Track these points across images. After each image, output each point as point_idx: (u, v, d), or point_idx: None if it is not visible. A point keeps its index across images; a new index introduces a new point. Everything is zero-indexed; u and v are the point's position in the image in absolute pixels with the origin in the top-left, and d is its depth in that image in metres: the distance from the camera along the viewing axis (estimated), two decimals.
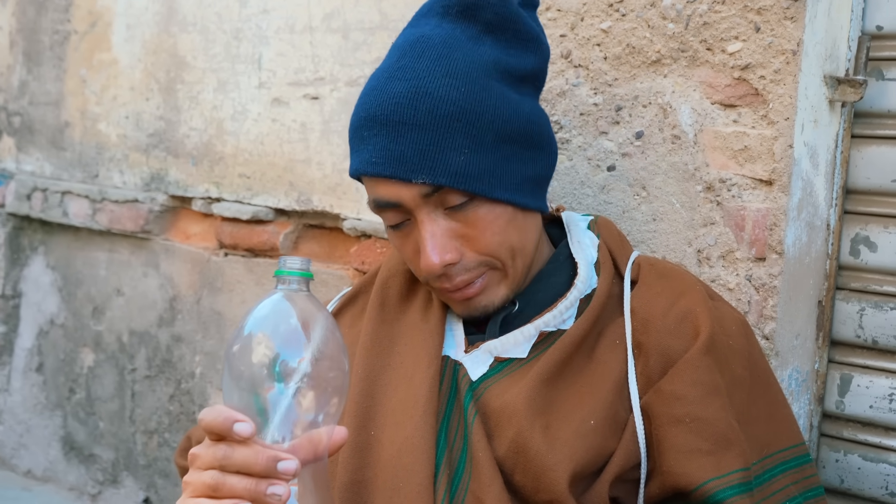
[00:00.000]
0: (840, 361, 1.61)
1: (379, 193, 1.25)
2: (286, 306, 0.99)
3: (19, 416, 2.97)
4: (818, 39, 1.48)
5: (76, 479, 2.80)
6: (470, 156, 1.23)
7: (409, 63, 1.25)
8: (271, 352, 0.96)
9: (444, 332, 1.31)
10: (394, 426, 1.23)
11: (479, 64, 1.26)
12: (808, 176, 1.51)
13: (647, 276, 1.33)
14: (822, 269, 1.58)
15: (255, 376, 0.95)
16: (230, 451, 0.94)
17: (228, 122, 2.34)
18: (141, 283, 2.62)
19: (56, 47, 2.83)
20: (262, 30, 2.26)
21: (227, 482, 0.94)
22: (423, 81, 1.23)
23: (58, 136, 2.83)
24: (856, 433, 1.59)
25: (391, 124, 1.22)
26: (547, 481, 1.14)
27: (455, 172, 1.22)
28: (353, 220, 2.07)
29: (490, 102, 1.25)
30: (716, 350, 1.24)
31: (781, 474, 1.23)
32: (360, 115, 1.27)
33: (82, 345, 2.78)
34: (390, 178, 1.23)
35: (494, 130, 1.25)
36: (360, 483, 1.21)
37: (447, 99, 1.22)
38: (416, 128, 1.22)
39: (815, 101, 1.50)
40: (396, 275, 1.41)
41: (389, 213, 1.27)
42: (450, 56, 1.25)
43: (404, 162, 1.22)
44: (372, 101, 1.25)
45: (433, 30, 1.29)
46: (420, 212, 1.24)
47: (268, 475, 0.93)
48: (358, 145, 1.28)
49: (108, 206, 2.64)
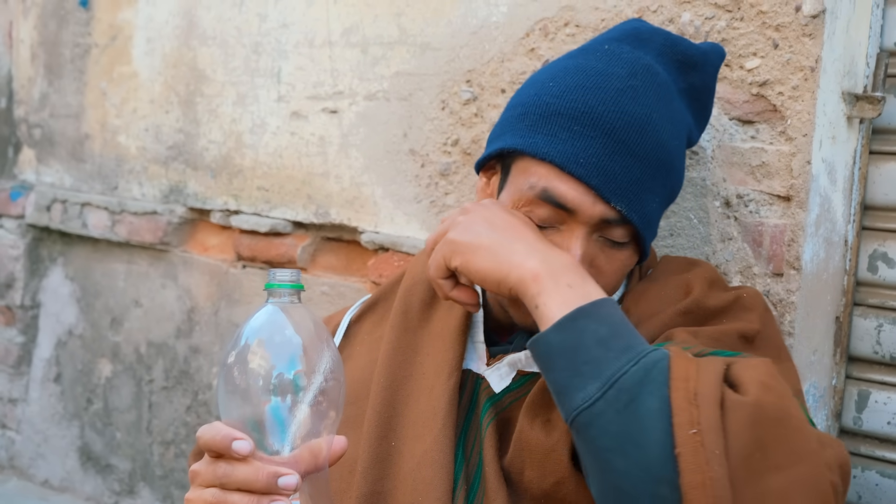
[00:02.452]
0: (858, 377, 1.61)
1: (559, 190, 1.19)
2: (280, 318, 0.99)
3: (37, 426, 2.99)
4: (836, 56, 1.48)
5: (93, 489, 2.81)
6: (658, 207, 1.25)
7: (639, 87, 1.23)
8: (268, 365, 0.96)
9: (465, 344, 1.31)
10: (414, 438, 1.23)
11: (683, 123, 1.30)
12: (825, 192, 1.51)
13: (655, 269, 1.35)
14: (840, 285, 1.59)
15: (252, 390, 0.95)
16: (230, 469, 0.94)
17: (247, 136, 2.36)
18: (159, 294, 2.63)
19: (77, 60, 2.86)
20: (281, 44, 2.28)
21: (228, 500, 0.94)
22: (653, 116, 1.22)
23: (78, 148, 2.85)
24: (873, 449, 1.59)
25: (614, 138, 1.19)
26: (551, 463, 1.14)
27: (645, 216, 1.22)
28: (370, 234, 2.08)
29: (678, 165, 1.28)
30: (699, 312, 1.23)
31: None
32: (575, 105, 1.21)
33: (100, 355, 2.79)
34: (586, 185, 1.18)
35: (670, 192, 1.28)
36: (380, 494, 1.21)
37: (667, 145, 1.23)
38: (636, 157, 1.20)
39: (833, 118, 1.50)
40: (420, 283, 1.40)
41: (550, 209, 1.21)
42: (670, 104, 1.26)
43: (612, 181, 1.18)
44: (595, 101, 1.21)
45: (655, 66, 1.27)
46: (583, 229, 1.21)
47: (269, 492, 0.93)
48: (556, 130, 1.21)
49: (127, 217, 2.66)
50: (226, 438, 0.94)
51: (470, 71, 1.90)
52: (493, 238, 1.15)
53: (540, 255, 1.12)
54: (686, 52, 1.34)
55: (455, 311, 1.34)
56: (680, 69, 1.33)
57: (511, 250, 1.13)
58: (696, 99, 1.36)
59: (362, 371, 1.34)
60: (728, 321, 1.24)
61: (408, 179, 2.01)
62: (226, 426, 0.95)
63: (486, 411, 1.24)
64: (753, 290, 1.32)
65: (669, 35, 1.35)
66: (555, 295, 1.07)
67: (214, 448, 0.95)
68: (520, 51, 1.81)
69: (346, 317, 1.47)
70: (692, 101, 1.35)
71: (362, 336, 1.43)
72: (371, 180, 2.09)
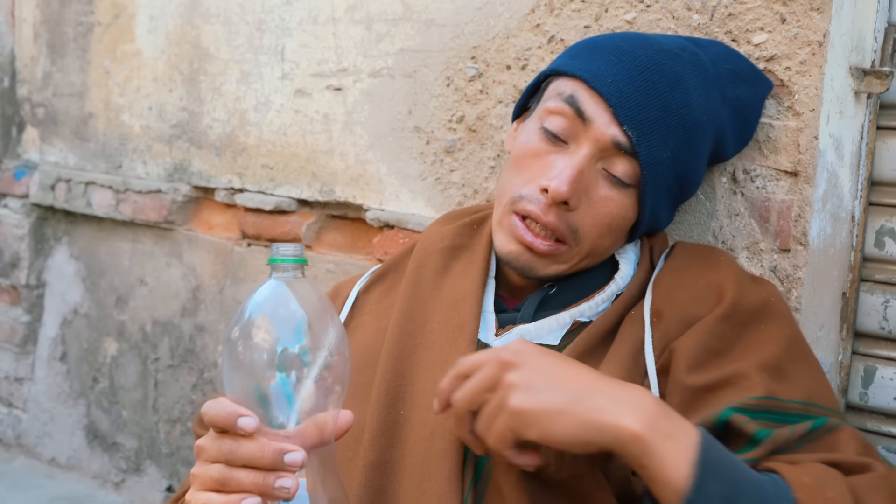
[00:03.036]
0: (864, 353, 1.60)
1: (582, 101, 1.27)
2: (284, 292, 0.98)
3: (43, 404, 3.00)
4: (844, 30, 1.48)
5: (100, 467, 2.83)
6: (666, 161, 1.29)
7: (684, 58, 1.33)
8: (272, 339, 0.95)
9: (479, 316, 1.31)
10: (424, 408, 1.23)
11: (718, 116, 1.37)
12: (833, 167, 1.50)
13: (676, 258, 1.35)
14: (847, 261, 1.58)
15: (257, 365, 0.94)
16: (236, 446, 0.94)
17: (251, 113, 2.35)
18: (164, 273, 2.63)
19: (80, 39, 2.85)
20: (284, 21, 2.27)
21: (234, 476, 0.94)
22: (688, 83, 1.30)
23: (81, 127, 2.85)
24: (879, 425, 1.59)
25: (645, 76, 1.27)
26: (568, 456, 1.14)
27: (653, 156, 1.27)
28: (375, 211, 2.07)
29: (702, 144, 1.35)
30: (737, 316, 1.23)
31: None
32: (619, 45, 1.31)
33: (106, 334, 2.80)
34: (606, 103, 1.26)
35: (686, 166, 1.33)
36: (387, 463, 1.21)
37: (693, 112, 1.30)
38: (660, 100, 1.27)
39: (841, 93, 1.50)
40: (433, 253, 1.40)
41: (564, 120, 1.28)
42: (709, 92, 1.34)
43: (631, 108, 1.25)
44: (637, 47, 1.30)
45: (706, 61, 1.37)
46: (590, 148, 1.27)
47: (275, 468, 0.93)
48: (593, 58, 1.30)
49: (131, 196, 2.65)
50: (231, 415, 0.94)
51: (475, 47, 1.89)
52: (565, 396, 1.03)
53: (627, 407, 1.02)
54: (740, 65, 1.43)
55: (468, 279, 1.35)
56: (731, 78, 1.41)
57: (593, 407, 1.02)
58: (741, 113, 1.43)
59: (370, 339, 1.34)
60: (765, 325, 1.24)
61: (413, 157, 2.01)
62: (231, 402, 0.95)
63: None
64: (771, 285, 1.33)
65: (727, 47, 1.46)
66: (663, 455, 1.00)
67: (220, 424, 0.95)
68: (525, 26, 1.80)
69: (356, 287, 1.47)
70: (736, 112, 1.42)
71: (371, 306, 1.43)
72: (376, 158, 2.08)
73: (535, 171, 1.29)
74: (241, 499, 0.92)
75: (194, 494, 0.96)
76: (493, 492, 1.17)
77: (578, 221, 1.28)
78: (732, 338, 1.22)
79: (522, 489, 1.15)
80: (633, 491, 1.18)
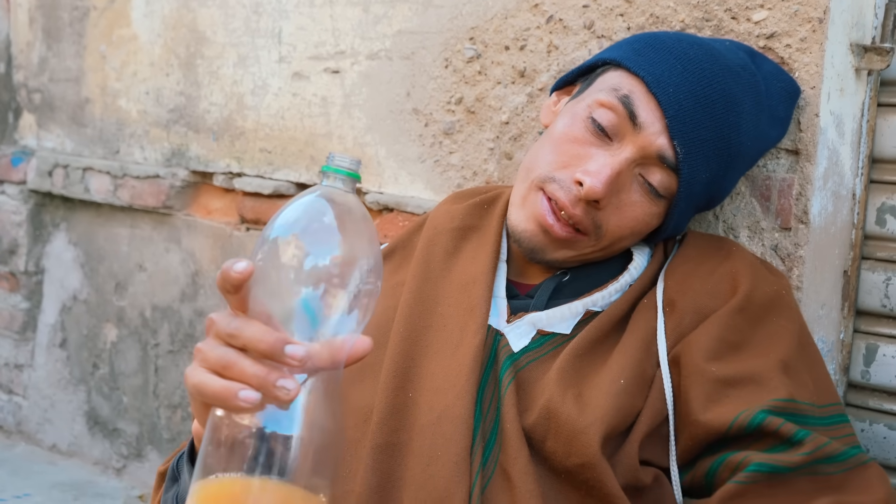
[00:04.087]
0: (866, 331, 1.60)
1: (636, 102, 1.25)
2: (323, 205, 0.92)
3: (44, 391, 3.00)
4: (845, 7, 1.47)
5: (101, 453, 2.83)
6: (704, 182, 1.28)
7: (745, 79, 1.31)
8: (302, 251, 0.90)
9: (490, 300, 1.30)
10: (433, 391, 1.22)
11: (764, 139, 1.38)
12: (834, 145, 1.50)
13: (688, 247, 1.35)
14: (848, 239, 1.58)
15: (283, 275, 0.90)
16: (242, 325, 0.89)
17: (249, 97, 2.34)
18: (163, 258, 2.63)
19: (75, 23, 2.83)
20: (281, 4, 2.26)
21: (238, 363, 0.88)
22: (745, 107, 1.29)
23: (78, 112, 2.84)
24: (881, 402, 1.59)
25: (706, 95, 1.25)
26: (579, 444, 1.14)
27: (693, 177, 1.27)
28: (374, 194, 2.07)
29: (741, 169, 1.36)
30: (752, 308, 1.24)
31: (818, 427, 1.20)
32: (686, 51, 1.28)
33: (105, 320, 2.79)
34: (662, 112, 1.24)
35: (721, 187, 1.33)
36: (395, 446, 1.20)
37: (743, 139, 1.29)
38: (716, 125, 1.26)
39: (842, 70, 1.49)
40: (442, 233, 1.39)
41: (615, 117, 1.26)
42: (759, 115, 1.33)
43: (686, 123, 1.24)
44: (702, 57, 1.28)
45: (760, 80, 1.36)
46: (633, 152, 1.25)
47: (273, 356, 0.88)
48: (658, 60, 1.27)
49: (129, 181, 2.65)
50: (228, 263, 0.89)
51: (473, 28, 1.88)
52: None
53: None
54: (791, 83, 1.43)
55: (479, 262, 1.34)
56: (783, 97, 1.41)
57: None
58: (781, 128, 1.44)
59: (380, 317, 1.33)
60: (776, 318, 1.25)
61: (411, 139, 2.00)
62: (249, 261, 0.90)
63: (505, 369, 1.23)
64: (782, 276, 1.34)
65: (778, 66, 1.44)
66: None
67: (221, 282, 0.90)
68: (523, 7, 1.79)
69: None
70: (782, 131, 1.44)
71: None
72: (374, 140, 2.07)
73: (573, 158, 1.27)
74: (240, 388, 0.87)
75: (194, 370, 0.92)
76: (501, 476, 1.17)
77: (604, 219, 1.27)
78: (748, 331, 1.23)
79: (530, 474, 1.15)
80: (641, 480, 1.18)
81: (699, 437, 1.17)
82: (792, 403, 1.15)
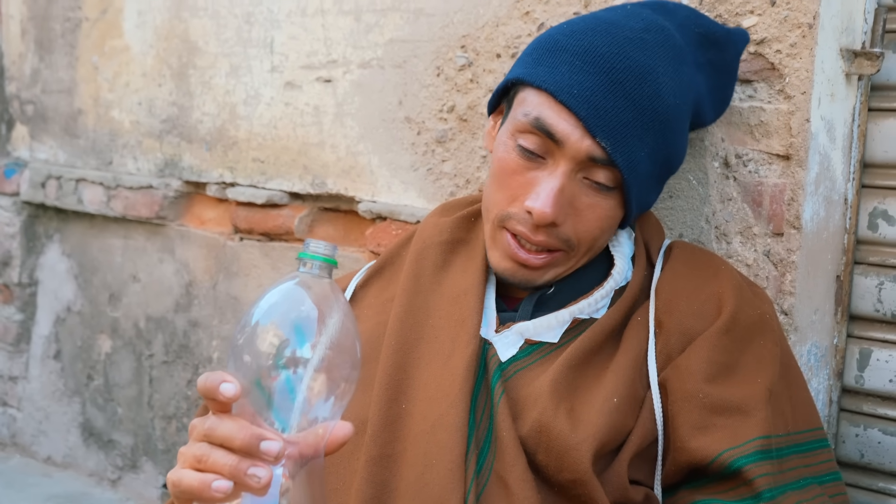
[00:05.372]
0: (859, 336, 1.60)
1: (549, 120, 1.23)
2: (300, 292, 0.94)
3: (38, 403, 2.99)
4: (834, 12, 1.47)
5: (96, 464, 2.82)
6: (646, 158, 1.26)
7: (649, 40, 1.26)
8: (279, 339, 0.91)
9: (482, 311, 1.30)
10: (426, 401, 1.23)
11: (693, 88, 1.33)
12: (825, 150, 1.50)
13: (676, 262, 1.34)
14: (840, 244, 1.58)
15: (261, 362, 0.91)
16: (217, 424, 0.91)
17: (241, 107, 2.34)
18: (157, 269, 2.62)
19: (67, 35, 2.83)
20: (273, 13, 2.26)
21: (211, 456, 0.90)
22: (657, 69, 1.25)
23: (71, 123, 2.84)
24: (875, 407, 1.59)
25: (611, 77, 1.22)
26: (570, 461, 1.15)
27: (632, 161, 1.24)
28: (367, 203, 2.07)
29: (677, 126, 1.30)
30: (738, 329, 1.24)
31: (794, 455, 1.23)
32: (581, 43, 1.25)
33: (99, 331, 2.79)
34: (576, 117, 1.22)
35: (665, 152, 1.29)
36: (389, 457, 1.20)
37: (666, 100, 1.25)
38: (631, 100, 1.22)
39: (832, 75, 1.49)
40: (431, 246, 1.39)
41: (538, 139, 1.25)
42: (680, 67, 1.29)
43: (602, 117, 1.22)
44: (600, 42, 1.24)
45: (672, 30, 1.32)
46: (568, 164, 1.24)
47: (248, 452, 0.89)
48: (557, 63, 1.25)
49: (122, 192, 2.64)
50: (216, 380, 0.90)
51: (464, 36, 1.88)
52: None
53: None
54: (709, 29, 1.40)
55: (468, 274, 1.34)
56: (701, 43, 1.38)
57: None
58: (716, 77, 1.41)
59: (371, 333, 1.34)
60: (762, 340, 1.26)
61: (404, 147, 2.00)
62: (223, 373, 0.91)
63: (496, 379, 1.24)
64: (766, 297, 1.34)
65: (695, 11, 1.42)
66: None
67: (204, 392, 0.91)
68: (514, 14, 1.79)
69: (353, 282, 1.46)
70: (710, 77, 1.40)
71: (369, 300, 1.42)
72: (367, 149, 2.07)
73: (517, 188, 1.27)
74: (213, 479, 0.89)
75: (174, 470, 0.94)
76: (497, 483, 1.17)
77: (569, 232, 1.27)
78: (736, 352, 1.24)
79: (528, 481, 1.16)
80: (631, 499, 1.18)
81: (681, 463, 1.19)
82: (774, 439, 1.19)
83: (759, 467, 1.14)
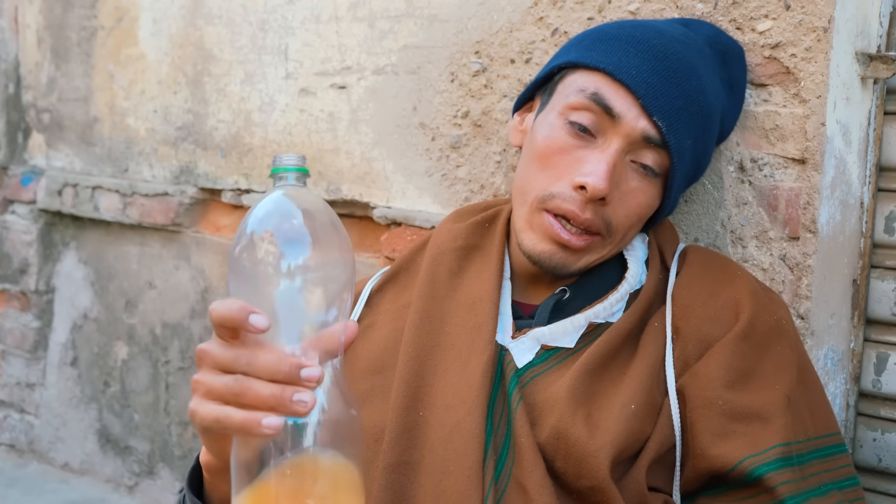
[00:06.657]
0: (876, 340, 1.60)
1: (606, 96, 1.26)
2: (287, 204, 0.94)
3: (55, 409, 3.01)
4: (849, 16, 1.47)
5: (113, 471, 2.83)
6: (691, 148, 1.30)
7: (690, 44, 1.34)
8: (276, 250, 0.91)
9: (497, 317, 1.30)
10: (444, 408, 1.23)
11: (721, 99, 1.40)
12: (840, 154, 1.50)
13: (692, 266, 1.34)
14: (857, 248, 1.57)
15: (260, 276, 0.90)
16: (253, 356, 0.89)
17: (256, 114, 2.35)
18: (172, 275, 2.63)
19: (83, 43, 2.85)
20: (287, 20, 2.27)
21: (251, 388, 0.88)
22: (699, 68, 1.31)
23: (87, 131, 2.85)
24: (893, 412, 1.58)
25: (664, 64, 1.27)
26: (588, 467, 1.14)
27: (681, 145, 1.28)
28: (382, 209, 2.07)
29: (713, 130, 1.37)
30: (755, 335, 1.24)
31: (815, 460, 1.23)
32: (633, 34, 1.30)
33: (116, 338, 2.80)
34: (635, 97, 1.25)
35: (703, 150, 1.35)
36: (407, 464, 1.20)
37: (708, 97, 1.31)
38: (681, 89, 1.27)
39: (847, 79, 1.49)
40: (447, 252, 1.39)
41: (593, 115, 1.27)
42: (713, 75, 1.37)
43: (658, 98, 1.25)
44: (649, 35, 1.29)
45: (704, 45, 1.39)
46: (620, 142, 1.26)
47: (291, 382, 0.88)
48: (610, 49, 1.29)
49: (138, 199, 2.66)
50: (242, 311, 0.87)
51: (478, 42, 1.88)
52: None
53: None
54: (728, 44, 1.45)
55: (483, 280, 1.34)
56: (723, 59, 1.43)
57: None
58: (735, 91, 1.46)
59: (387, 340, 1.34)
60: (779, 346, 1.26)
61: (418, 153, 2.01)
62: (241, 301, 0.89)
63: (513, 385, 1.23)
64: (782, 303, 1.34)
65: (716, 28, 1.47)
66: None
67: (230, 322, 0.88)
68: (528, 20, 1.80)
69: (368, 286, 1.46)
70: (731, 91, 1.45)
71: (385, 305, 1.42)
72: (382, 155, 2.08)
73: (564, 167, 1.28)
74: (262, 416, 0.87)
75: (201, 403, 0.91)
76: (516, 489, 1.17)
77: (612, 214, 1.28)
78: (754, 358, 1.24)
79: (547, 487, 1.15)
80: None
81: (701, 470, 1.19)
82: (794, 446, 1.18)
83: (780, 475, 1.14)
